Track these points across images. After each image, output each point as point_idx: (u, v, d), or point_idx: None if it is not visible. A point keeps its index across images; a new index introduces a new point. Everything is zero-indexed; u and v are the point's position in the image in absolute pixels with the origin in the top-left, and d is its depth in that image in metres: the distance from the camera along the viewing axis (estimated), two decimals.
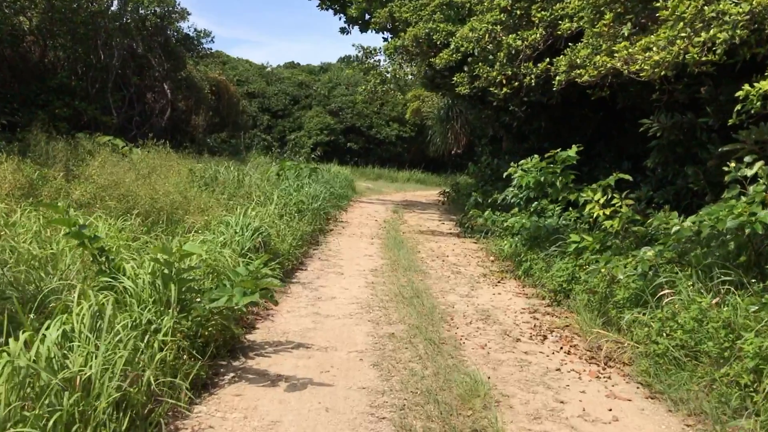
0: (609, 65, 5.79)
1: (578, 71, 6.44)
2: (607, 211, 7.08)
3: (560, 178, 7.37)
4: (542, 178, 7.45)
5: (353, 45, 26.06)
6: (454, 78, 10.78)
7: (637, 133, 12.02)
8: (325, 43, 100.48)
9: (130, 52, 19.08)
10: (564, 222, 8.29)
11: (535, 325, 6.20)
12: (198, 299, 4.17)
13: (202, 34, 21.81)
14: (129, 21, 18.51)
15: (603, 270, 5.68)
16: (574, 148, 7.27)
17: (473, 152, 24.72)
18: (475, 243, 12.13)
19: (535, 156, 7.69)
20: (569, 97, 10.55)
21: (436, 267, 9.18)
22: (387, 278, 8.08)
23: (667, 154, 8.81)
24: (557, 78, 8.17)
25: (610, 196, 7.22)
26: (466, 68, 10.53)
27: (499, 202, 9.32)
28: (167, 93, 21.23)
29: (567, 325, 6.23)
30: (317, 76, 41.17)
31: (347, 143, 36.30)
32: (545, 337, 5.81)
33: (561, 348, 5.48)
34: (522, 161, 7.90)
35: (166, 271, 4.13)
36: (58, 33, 16.16)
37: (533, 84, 8.42)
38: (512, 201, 9.18)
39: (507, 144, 16.96)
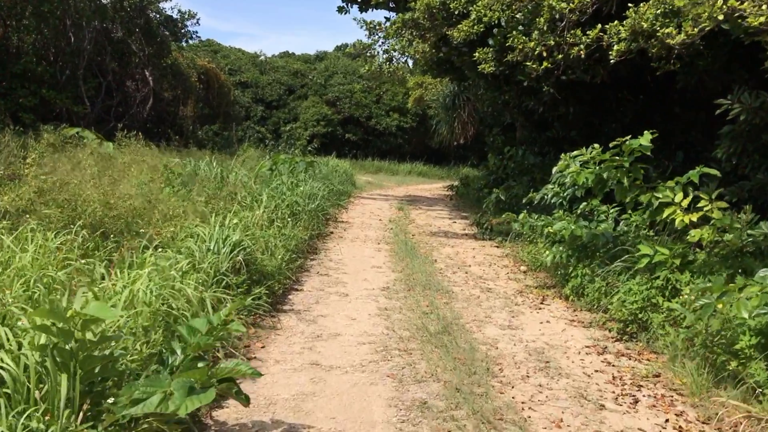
0: (720, 17, 4.11)
1: (666, 30, 4.75)
2: (693, 217, 5.42)
3: (628, 174, 5.70)
4: (605, 174, 5.77)
5: (354, 19, 24.00)
6: (476, 54, 9.06)
7: (688, 118, 10.38)
8: (321, 35, 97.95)
9: (105, 35, 17.26)
10: (624, 228, 6.64)
11: (614, 377, 4.55)
12: (112, 398, 2.47)
13: (186, 16, 19.96)
14: (105, 0, 16.68)
15: (720, 306, 4.03)
16: (647, 135, 5.57)
17: (479, 143, 22.96)
18: (497, 247, 10.50)
19: (595, 146, 6.01)
20: (612, 74, 8.85)
21: (460, 282, 7.54)
22: (403, 302, 6.43)
23: (744, 142, 7.15)
24: (615, 48, 6.50)
25: (693, 198, 5.58)
26: (490, 41, 8.82)
27: (536, 201, 7.64)
28: (149, 81, 19.43)
29: (656, 375, 4.59)
30: (313, 65, 39.22)
31: (345, 135, 34.50)
32: (636, 400, 4.16)
33: (666, 421, 3.84)
34: (575, 152, 6.21)
35: (67, 345, 2.46)
36: (22, 12, 14.33)
37: (583, 56, 6.74)
38: (552, 201, 7.52)
39: (523, 133, 15.25)
